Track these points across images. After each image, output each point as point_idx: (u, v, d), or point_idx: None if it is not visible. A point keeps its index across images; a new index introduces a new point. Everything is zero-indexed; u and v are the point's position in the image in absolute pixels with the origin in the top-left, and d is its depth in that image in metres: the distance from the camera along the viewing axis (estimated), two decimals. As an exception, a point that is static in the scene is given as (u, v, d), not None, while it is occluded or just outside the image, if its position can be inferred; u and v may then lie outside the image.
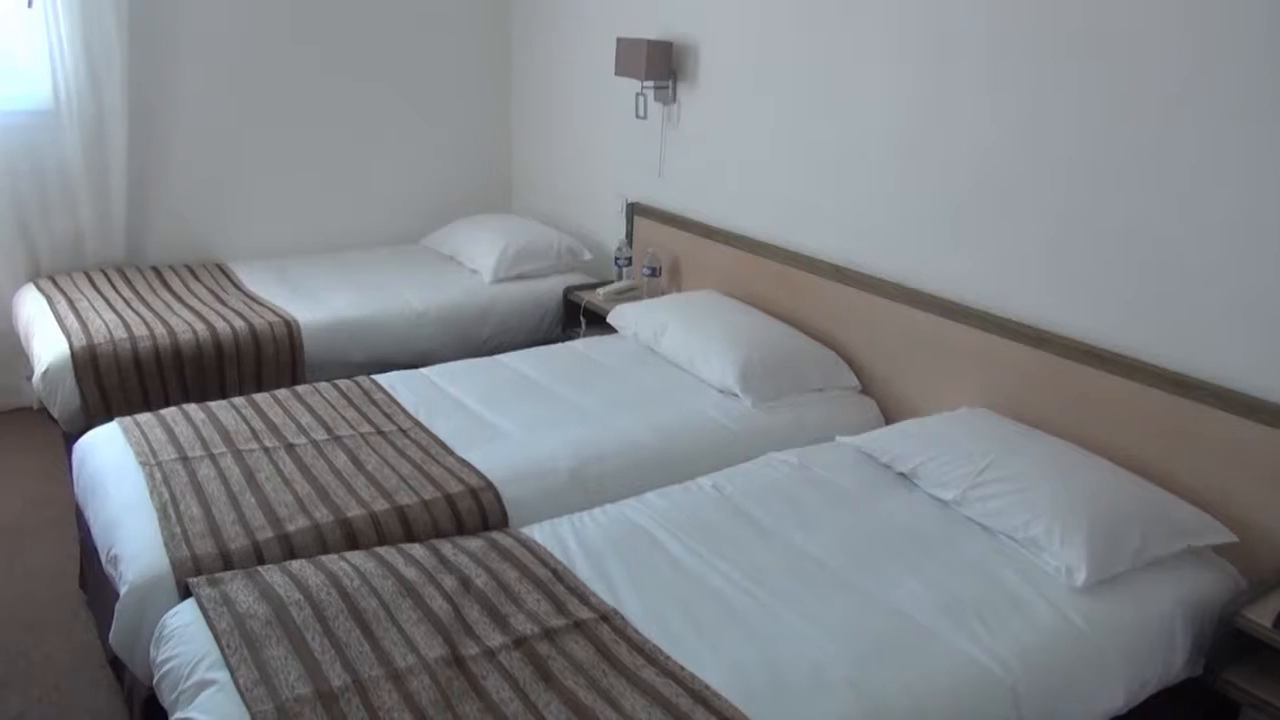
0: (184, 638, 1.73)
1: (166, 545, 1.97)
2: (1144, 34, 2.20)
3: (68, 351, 3.00)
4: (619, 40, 3.63)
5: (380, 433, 2.52)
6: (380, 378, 2.89)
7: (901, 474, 2.39)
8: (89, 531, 2.31)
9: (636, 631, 1.77)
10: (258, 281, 3.77)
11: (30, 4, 3.45)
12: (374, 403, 2.70)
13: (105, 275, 3.68)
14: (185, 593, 1.87)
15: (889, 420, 2.88)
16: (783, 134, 3.22)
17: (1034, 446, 2.30)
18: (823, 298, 3.09)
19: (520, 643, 1.73)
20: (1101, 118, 2.31)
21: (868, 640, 1.77)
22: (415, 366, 3.11)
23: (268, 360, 3.26)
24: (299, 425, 2.52)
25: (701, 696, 1.60)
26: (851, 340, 3.02)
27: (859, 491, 2.33)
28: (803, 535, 2.12)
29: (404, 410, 2.66)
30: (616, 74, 3.66)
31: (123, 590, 1.91)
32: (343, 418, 2.58)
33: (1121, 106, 2.27)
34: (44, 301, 3.38)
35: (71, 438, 2.83)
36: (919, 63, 2.73)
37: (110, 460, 2.32)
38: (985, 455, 2.25)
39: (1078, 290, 2.42)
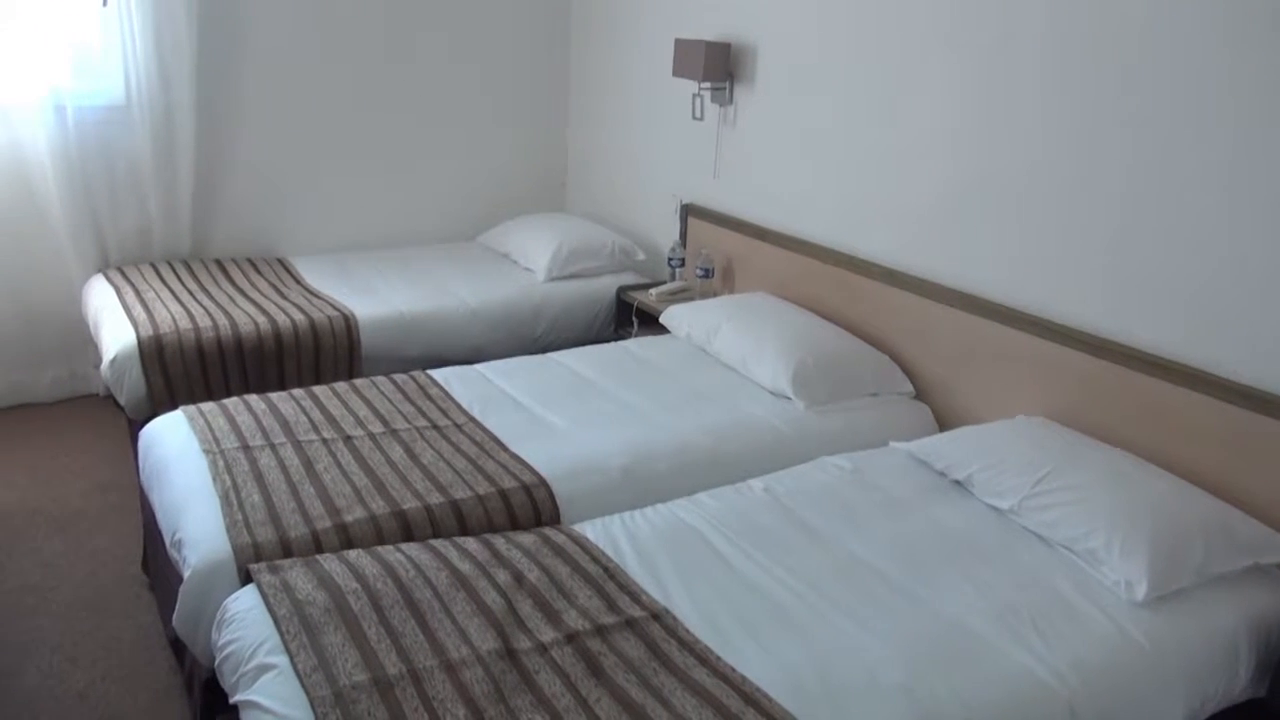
0: (245, 622, 1.77)
1: (228, 531, 2.02)
2: (1213, 33, 2.15)
3: (135, 341, 3.08)
4: (677, 41, 3.63)
5: (435, 427, 2.55)
6: (435, 373, 2.92)
7: (956, 481, 2.36)
8: (153, 516, 2.37)
9: (688, 631, 1.78)
10: (317, 276, 3.84)
11: (105, 2, 3.55)
12: (429, 397, 2.73)
13: (171, 267, 3.78)
14: (246, 578, 1.91)
15: (943, 427, 2.85)
16: (838, 136, 3.20)
17: (1094, 456, 2.26)
18: (877, 301, 3.06)
19: (572, 638, 1.74)
20: (1165, 120, 2.26)
21: (921, 646, 1.76)
22: (468, 362, 3.14)
23: (326, 353, 3.32)
24: (356, 418, 2.56)
25: (752, 698, 1.60)
26: (905, 345, 2.99)
27: (912, 498, 2.30)
28: (855, 540, 2.11)
29: (459, 405, 2.69)
30: (674, 75, 3.66)
31: (186, 574, 1.96)
32: (399, 412, 2.62)
33: (1188, 109, 2.22)
34: (112, 292, 3.48)
35: (137, 425, 2.91)
36: (977, 64, 2.70)
37: (175, 447, 2.38)
38: (1043, 464, 2.22)
39: (1141, 298, 2.37)
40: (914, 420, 2.85)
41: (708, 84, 3.62)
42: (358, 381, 2.82)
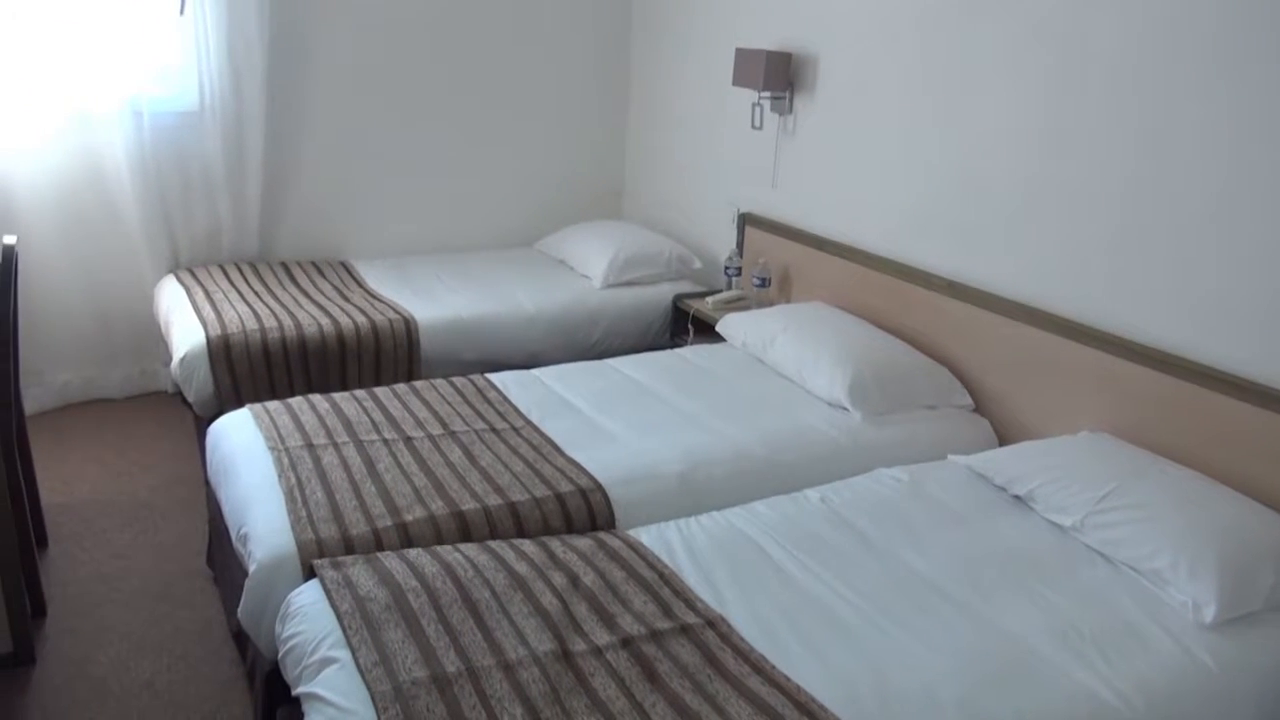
0: (308, 616, 1.81)
1: (293, 527, 2.06)
2: (1297, 48, 2.11)
3: (204, 340, 3.16)
4: (738, 50, 3.64)
5: (494, 430, 2.58)
6: (493, 376, 2.96)
7: (1016, 497, 2.33)
8: (219, 511, 2.43)
9: (742, 639, 1.77)
10: (379, 279, 3.91)
11: (182, 11, 3.66)
12: (488, 401, 2.77)
13: (239, 269, 3.88)
14: (309, 573, 1.96)
15: (1003, 441, 2.81)
16: (899, 146, 3.18)
17: (1161, 475, 2.21)
18: (935, 312, 3.03)
19: (627, 643, 1.75)
20: (1240, 127, 2.21)
21: (980, 663, 1.74)
22: (525, 367, 3.18)
23: (386, 355, 3.38)
24: (416, 419, 2.61)
25: (808, 709, 1.59)
26: (965, 357, 2.95)
27: (971, 512, 2.28)
28: (913, 553, 2.09)
29: (516, 409, 2.72)
30: (734, 84, 3.67)
31: (252, 568, 2.01)
32: (458, 414, 2.66)
33: (1267, 116, 2.16)
34: (182, 292, 3.58)
35: (204, 422, 2.99)
36: (1044, 74, 2.66)
37: (241, 444, 2.44)
38: (1108, 481, 2.17)
39: (1212, 314, 2.32)
40: (972, 434, 2.81)
41: (768, 93, 3.62)
42: (417, 384, 2.87)
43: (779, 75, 3.54)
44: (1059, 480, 2.24)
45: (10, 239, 2.54)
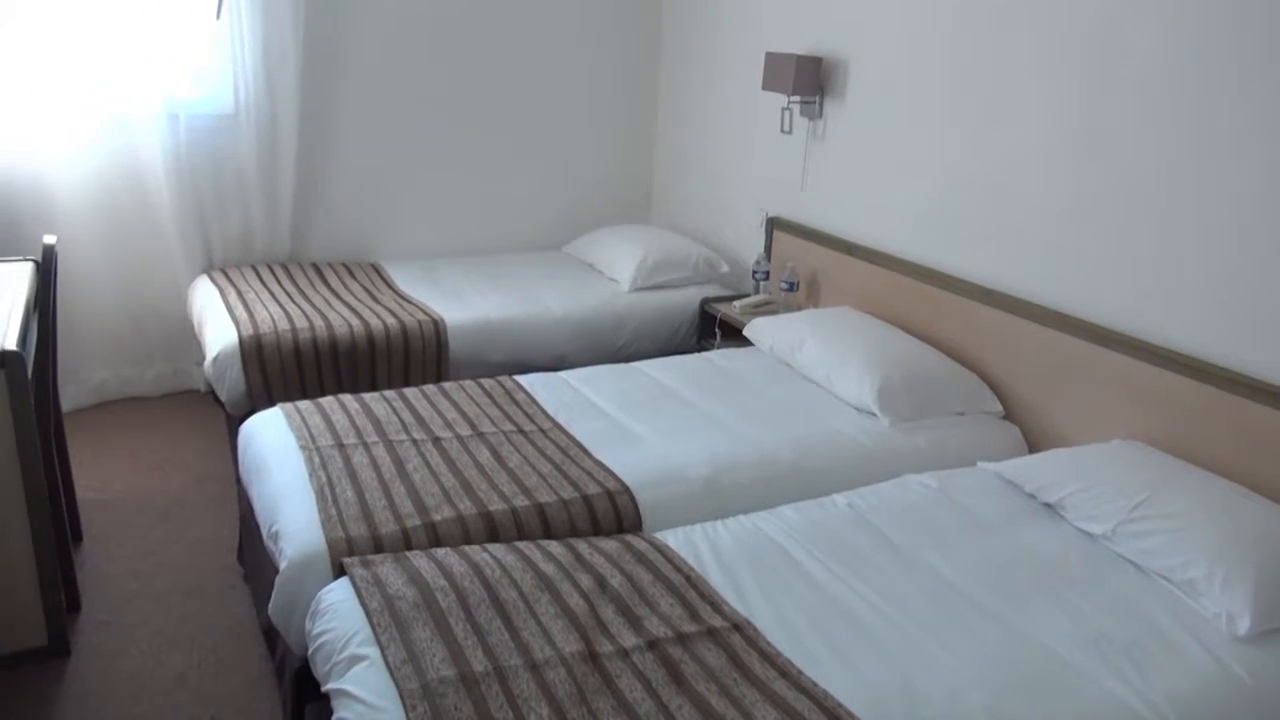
0: (338, 614, 1.83)
1: (323, 525, 2.08)
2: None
3: (236, 340, 3.20)
4: (768, 55, 3.64)
5: (521, 431, 2.59)
6: (521, 378, 2.97)
7: (1047, 504, 2.31)
8: (250, 508, 2.46)
9: (769, 643, 1.77)
10: (408, 281, 3.94)
11: (219, 15, 3.71)
12: (515, 402, 2.78)
13: (270, 270, 3.92)
14: (339, 571, 1.98)
15: (1033, 449, 2.79)
16: (931, 151, 3.16)
17: (1196, 484, 2.18)
18: (966, 319, 3.01)
19: (653, 645, 1.75)
20: (1278, 138, 2.19)
21: (1009, 671, 1.72)
22: (551, 369, 3.19)
23: (415, 356, 3.41)
24: (445, 420, 2.62)
25: (834, 714, 1.58)
26: (995, 364, 2.93)
27: (1000, 519, 2.26)
28: (941, 559, 2.08)
29: (544, 411, 2.73)
30: (763, 88, 3.67)
31: (282, 565, 2.03)
32: (486, 415, 2.67)
33: (1308, 129, 2.14)
34: (216, 292, 3.63)
35: (235, 420, 3.03)
36: (1079, 77, 2.64)
37: (273, 443, 2.46)
38: (1141, 490, 2.15)
39: (1249, 322, 2.28)
40: (1002, 440, 2.79)
41: (797, 97, 3.61)
42: (446, 385, 2.89)
43: (809, 79, 3.53)
44: (1091, 488, 2.22)
45: (50, 239, 2.59)
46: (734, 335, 3.63)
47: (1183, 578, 1.97)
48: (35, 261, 2.78)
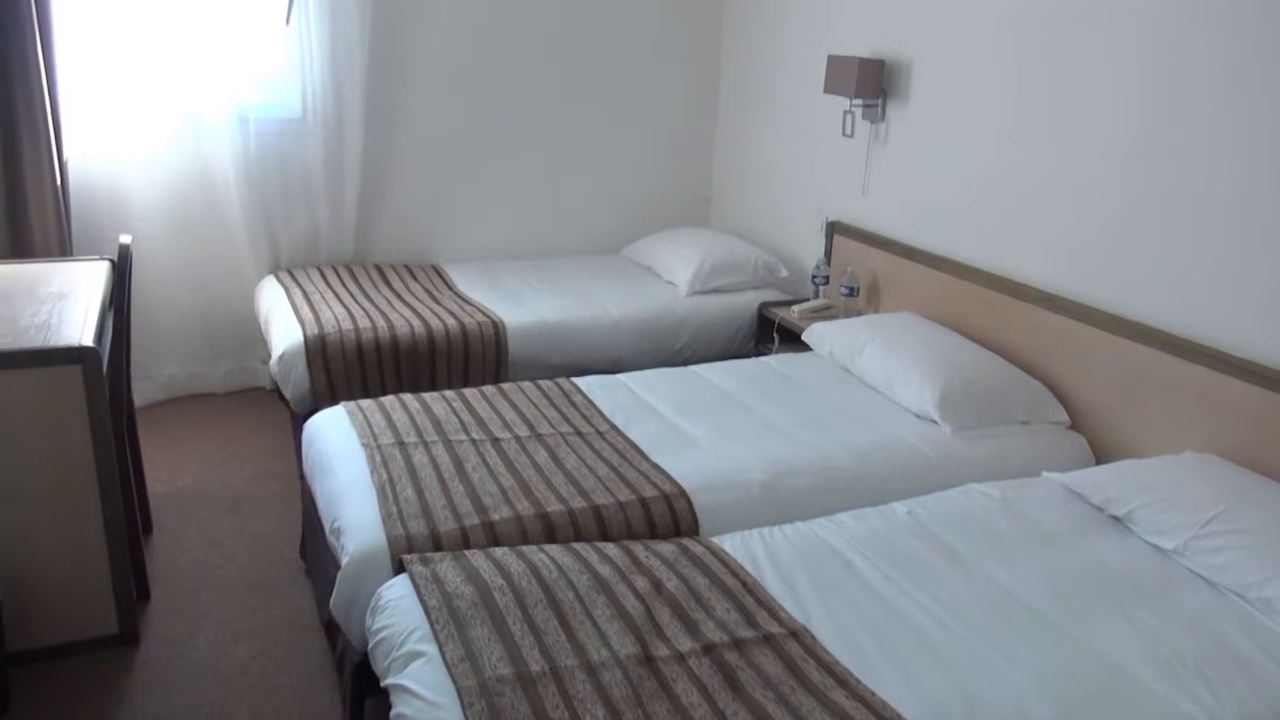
0: (397, 610, 1.85)
1: (384, 523, 2.11)
2: None
3: (301, 339, 3.27)
4: (830, 58, 3.61)
5: (579, 433, 2.60)
6: (579, 381, 2.99)
7: (1114, 517, 2.25)
8: (313, 504, 2.51)
9: (826, 651, 1.75)
10: (468, 283, 3.99)
11: (288, 22, 3.79)
12: (573, 404, 2.79)
13: (335, 271, 4.00)
14: (399, 568, 2.00)
15: (1099, 460, 2.72)
16: (996, 156, 3.10)
17: (1272, 499, 2.11)
18: (1031, 326, 2.95)
19: (709, 650, 1.74)
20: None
21: (1074, 687, 1.68)
22: (609, 372, 3.20)
23: (475, 357, 3.44)
24: (504, 421, 2.65)
25: (893, 724, 1.56)
26: (1062, 372, 2.86)
27: (1066, 531, 2.21)
28: (1003, 571, 2.03)
29: (601, 414, 2.74)
30: (825, 91, 3.64)
31: (344, 561, 2.07)
32: (544, 417, 2.69)
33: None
34: (282, 292, 3.71)
35: (299, 418, 3.09)
36: (1149, 79, 2.57)
37: (336, 441, 2.51)
38: (1215, 504, 2.08)
39: (1332, 332, 2.21)
40: (1068, 451, 2.72)
41: (859, 100, 3.58)
42: (505, 386, 2.91)
43: (871, 82, 3.50)
44: (1161, 501, 2.16)
45: (126, 239, 2.67)
46: (792, 340, 3.60)
47: (1258, 595, 1.90)
48: (111, 261, 2.87)
